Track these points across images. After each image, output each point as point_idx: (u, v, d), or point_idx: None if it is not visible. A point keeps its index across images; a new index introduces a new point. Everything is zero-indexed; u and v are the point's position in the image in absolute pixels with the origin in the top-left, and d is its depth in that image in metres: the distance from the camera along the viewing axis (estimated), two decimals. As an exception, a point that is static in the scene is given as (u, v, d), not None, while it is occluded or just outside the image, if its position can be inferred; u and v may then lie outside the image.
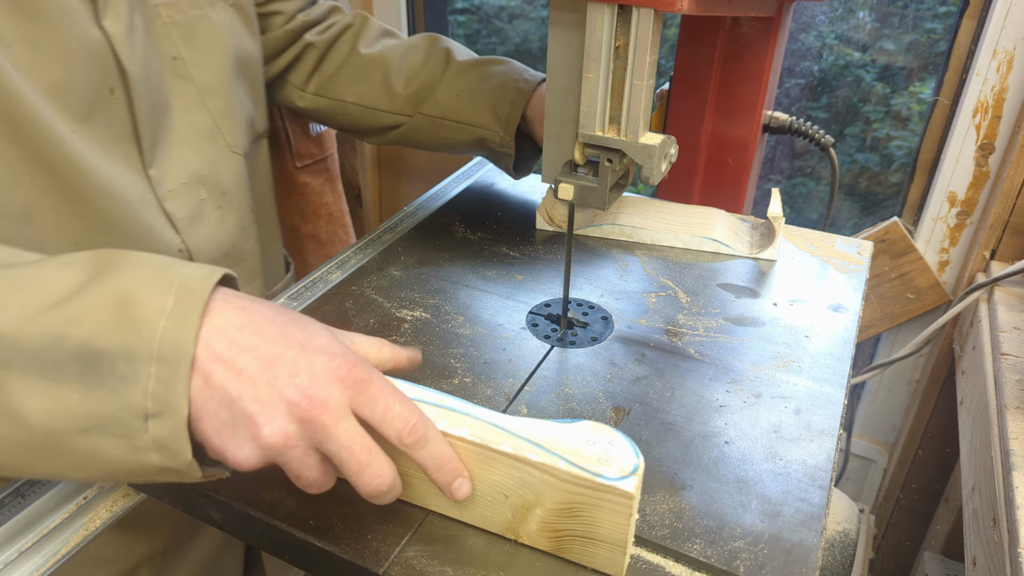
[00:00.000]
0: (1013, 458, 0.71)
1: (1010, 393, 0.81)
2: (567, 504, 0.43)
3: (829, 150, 1.04)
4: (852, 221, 1.39)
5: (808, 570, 0.45)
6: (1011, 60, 1.02)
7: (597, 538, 0.44)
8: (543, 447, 0.43)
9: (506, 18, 1.66)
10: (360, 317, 0.70)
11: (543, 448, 0.43)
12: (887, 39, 1.22)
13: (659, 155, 0.54)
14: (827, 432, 0.57)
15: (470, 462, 0.45)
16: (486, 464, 0.44)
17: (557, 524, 0.45)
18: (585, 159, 0.58)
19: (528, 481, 0.44)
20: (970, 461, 0.87)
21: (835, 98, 1.31)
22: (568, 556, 0.46)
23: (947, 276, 1.21)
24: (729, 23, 0.92)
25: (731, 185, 1.02)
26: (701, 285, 0.76)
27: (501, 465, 0.44)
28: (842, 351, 0.66)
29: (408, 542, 0.47)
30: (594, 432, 0.44)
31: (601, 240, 0.86)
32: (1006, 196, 1.03)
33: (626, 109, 0.54)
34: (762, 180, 1.41)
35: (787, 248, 0.84)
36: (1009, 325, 0.94)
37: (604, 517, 0.43)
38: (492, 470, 0.45)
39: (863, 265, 0.81)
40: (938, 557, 1.12)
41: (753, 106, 0.95)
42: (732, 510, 0.49)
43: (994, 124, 1.06)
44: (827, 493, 0.51)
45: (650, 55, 0.51)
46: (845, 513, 0.80)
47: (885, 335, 1.32)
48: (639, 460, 0.42)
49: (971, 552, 0.78)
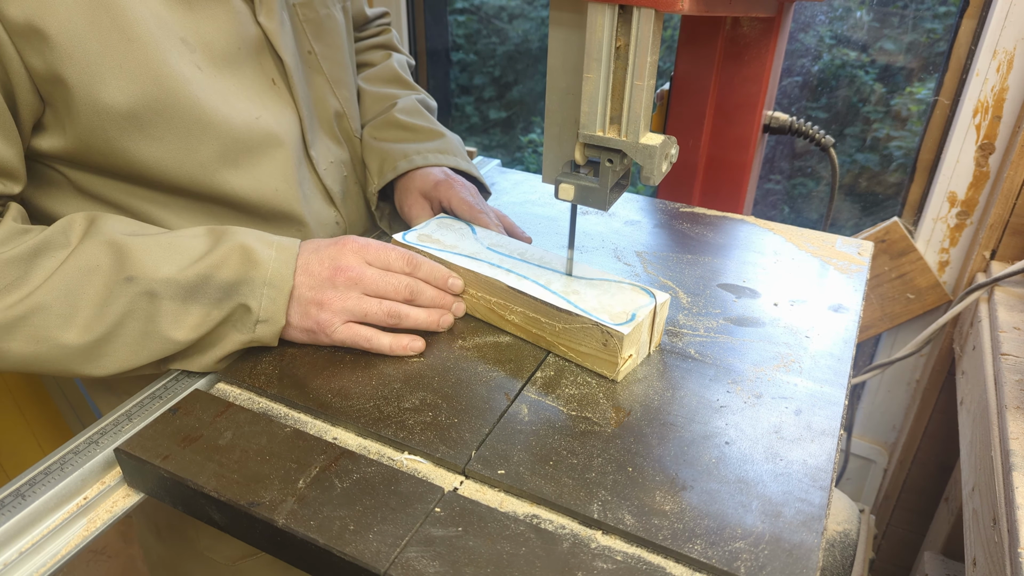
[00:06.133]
0: (1013, 458, 0.71)
1: (1010, 393, 0.81)
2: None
3: (829, 150, 1.04)
4: (852, 221, 1.38)
5: (809, 570, 0.45)
6: (1011, 60, 1.02)
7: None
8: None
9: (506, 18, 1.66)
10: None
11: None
12: (887, 39, 1.22)
13: (660, 155, 0.54)
14: (827, 432, 0.57)
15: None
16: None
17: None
18: (585, 159, 0.58)
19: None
20: (970, 461, 0.87)
21: (835, 98, 1.31)
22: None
23: (947, 276, 1.21)
24: (729, 23, 0.92)
25: (731, 185, 1.02)
26: (701, 285, 0.76)
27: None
28: (842, 351, 0.66)
29: (408, 542, 0.47)
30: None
31: (598, 240, 0.86)
32: (1006, 196, 1.03)
33: (627, 109, 0.54)
34: (762, 180, 1.41)
35: (788, 248, 0.84)
36: (1009, 325, 0.94)
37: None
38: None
39: (863, 265, 0.81)
40: (938, 557, 1.12)
41: (753, 106, 0.95)
42: (733, 511, 0.49)
43: (994, 124, 1.06)
44: (828, 493, 0.51)
45: (651, 55, 0.51)
46: (845, 513, 0.80)
47: (885, 335, 1.32)
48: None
49: (971, 552, 0.78)
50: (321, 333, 0.63)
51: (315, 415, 0.59)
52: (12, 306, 0.55)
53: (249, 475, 0.52)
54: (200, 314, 0.59)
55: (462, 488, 0.52)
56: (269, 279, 0.61)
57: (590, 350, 0.62)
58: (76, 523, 0.53)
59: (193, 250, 0.60)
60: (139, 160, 0.62)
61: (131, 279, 0.57)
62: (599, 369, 0.62)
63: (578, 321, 0.62)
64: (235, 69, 0.67)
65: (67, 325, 0.56)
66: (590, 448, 0.55)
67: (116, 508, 0.55)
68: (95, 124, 0.59)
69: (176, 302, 0.59)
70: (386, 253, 0.66)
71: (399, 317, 0.64)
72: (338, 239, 0.66)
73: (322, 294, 0.62)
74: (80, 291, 0.57)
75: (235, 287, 0.60)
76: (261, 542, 0.52)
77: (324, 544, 0.47)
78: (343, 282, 0.63)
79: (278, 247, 0.62)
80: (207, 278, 0.59)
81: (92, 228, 0.59)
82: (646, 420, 0.58)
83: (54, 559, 0.51)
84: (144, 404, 0.61)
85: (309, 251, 0.64)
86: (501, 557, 0.46)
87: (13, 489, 0.53)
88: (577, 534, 0.49)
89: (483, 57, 1.71)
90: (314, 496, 0.51)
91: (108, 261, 0.58)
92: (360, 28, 0.98)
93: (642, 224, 0.89)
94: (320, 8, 0.78)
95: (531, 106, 1.75)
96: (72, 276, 0.57)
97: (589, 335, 0.62)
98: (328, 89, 0.80)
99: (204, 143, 0.64)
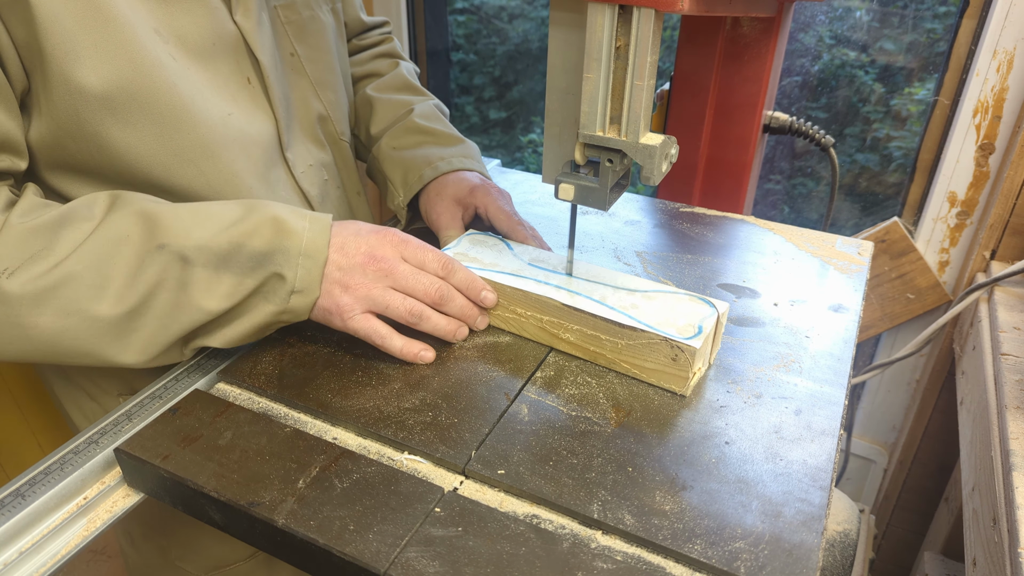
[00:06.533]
0: (1013, 458, 0.71)
1: (1010, 393, 0.81)
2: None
3: (829, 150, 1.04)
4: (852, 221, 1.38)
5: (809, 571, 0.45)
6: (1011, 60, 1.01)
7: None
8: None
9: (506, 18, 1.66)
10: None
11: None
12: (887, 39, 1.22)
13: (660, 155, 0.54)
14: (827, 432, 0.57)
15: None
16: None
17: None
18: (586, 159, 0.58)
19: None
20: (970, 461, 0.87)
21: (835, 98, 1.31)
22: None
23: (947, 276, 1.21)
24: (729, 23, 0.92)
25: (731, 185, 1.02)
26: (701, 285, 0.76)
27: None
28: (842, 351, 0.66)
29: (408, 542, 0.47)
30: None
31: (598, 240, 0.86)
32: (1006, 196, 1.03)
33: (627, 109, 0.54)
34: (762, 180, 1.41)
35: (788, 248, 0.84)
36: (1009, 325, 0.94)
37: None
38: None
39: (863, 265, 0.81)
40: (938, 557, 1.12)
41: (753, 106, 0.95)
42: (733, 511, 0.49)
43: (994, 124, 1.06)
44: (828, 494, 0.51)
45: (651, 55, 0.51)
46: (845, 513, 0.80)
47: (885, 335, 1.32)
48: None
49: (971, 552, 0.78)
50: (337, 316, 0.61)
51: (315, 415, 0.59)
52: (42, 275, 0.53)
53: (249, 475, 0.52)
54: (232, 282, 0.58)
55: (462, 488, 0.52)
56: (304, 249, 0.59)
57: (657, 366, 0.60)
58: (76, 523, 0.53)
59: (224, 217, 0.59)
60: (112, 147, 0.60)
61: (163, 246, 0.56)
62: (666, 384, 0.61)
63: (644, 337, 0.60)
64: (208, 64, 0.65)
65: (99, 295, 0.55)
66: (590, 448, 0.55)
67: (116, 508, 0.55)
68: (69, 106, 0.57)
69: (208, 269, 0.57)
70: (423, 252, 0.64)
71: (420, 317, 0.63)
72: (380, 228, 0.64)
73: (350, 277, 0.61)
74: (111, 261, 0.55)
75: (268, 256, 0.58)
76: (261, 542, 0.52)
77: (324, 544, 0.47)
78: (374, 271, 0.61)
79: (311, 219, 0.61)
80: (239, 246, 0.58)
81: (117, 202, 0.58)
82: (646, 420, 0.58)
83: (54, 559, 0.51)
84: (144, 404, 0.61)
85: (348, 232, 0.62)
86: (501, 557, 0.46)
87: (13, 489, 0.53)
88: (577, 534, 0.49)
89: (483, 57, 1.71)
90: (314, 496, 0.51)
91: (138, 230, 0.56)
92: (357, 35, 0.96)
93: (642, 224, 0.89)
94: (303, 10, 0.77)
95: (531, 106, 1.75)
96: (102, 246, 0.55)
97: (656, 351, 0.60)
98: (312, 91, 0.78)
99: (180, 132, 0.62)
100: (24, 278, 0.53)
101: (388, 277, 0.62)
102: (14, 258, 0.53)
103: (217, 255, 0.57)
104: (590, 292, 0.65)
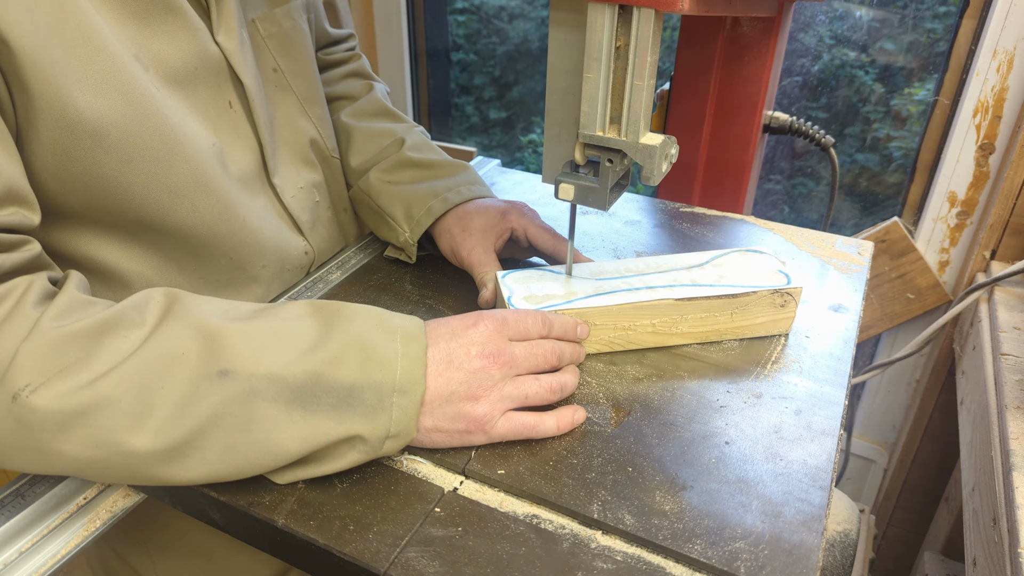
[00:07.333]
0: (1013, 458, 0.71)
1: (1010, 393, 0.81)
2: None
3: (829, 150, 1.04)
4: (852, 221, 1.39)
5: (809, 571, 0.45)
6: (1011, 60, 1.02)
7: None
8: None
9: (506, 18, 1.66)
10: (360, 317, 0.70)
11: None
12: (887, 39, 1.22)
13: (660, 155, 0.54)
14: (827, 432, 0.57)
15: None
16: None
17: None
18: (586, 159, 0.58)
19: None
20: (970, 461, 0.87)
21: (835, 98, 1.31)
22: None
23: (947, 276, 1.21)
24: (729, 23, 0.92)
25: (731, 185, 1.02)
26: (701, 285, 0.76)
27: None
28: (842, 351, 0.66)
29: (408, 542, 0.47)
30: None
31: (598, 240, 0.86)
32: (1006, 196, 1.03)
33: (627, 109, 0.54)
34: (762, 180, 1.41)
35: (788, 248, 0.84)
36: (1009, 325, 0.94)
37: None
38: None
39: (863, 265, 0.81)
40: (938, 557, 1.12)
41: (753, 106, 0.95)
42: (733, 511, 0.49)
43: (994, 124, 1.06)
44: (828, 494, 0.51)
45: (651, 55, 0.51)
46: (845, 513, 0.80)
47: (885, 335, 1.32)
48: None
49: (971, 552, 0.78)
50: (479, 432, 0.53)
51: (315, 415, 0.59)
52: (70, 393, 0.44)
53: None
54: (309, 424, 0.48)
55: (462, 488, 0.52)
56: (399, 384, 0.50)
57: (766, 318, 0.66)
58: (76, 523, 0.53)
59: (301, 339, 0.49)
60: (102, 186, 0.54)
61: (225, 373, 0.47)
62: (773, 331, 0.67)
63: (755, 297, 0.64)
64: (189, 91, 0.60)
65: (137, 427, 0.45)
66: (590, 448, 0.55)
67: (116, 508, 0.55)
68: (57, 144, 0.51)
69: (278, 405, 0.47)
70: (523, 321, 0.57)
71: (562, 389, 0.56)
72: (470, 317, 0.56)
73: (476, 388, 0.52)
74: (158, 384, 0.46)
75: (355, 392, 0.49)
76: (261, 542, 0.52)
77: (324, 544, 0.47)
78: (498, 369, 0.53)
79: (403, 337, 0.51)
80: (319, 377, 0.48)
81: (175, 307, 0.49)
82: (646, 420, 0.58)
83: (54, 559, 0.51)
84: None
85: (444, 338, 0.54)
86: (501, 557, 0.46)
87: (13, 489, 0.53)
88: (577, 534, 0.49)
89: (483, 57, 1.71)
90: (314, 496, 0.51)
91: (196, 349, 0.47)
92: (323, 49, 0.89)
93: (642, 224, 0.89)
94: (284, 21, 0.71)
95: (531, 106, 1.75)
96: (149, 365, 0.46)
97: (765, 304, 0.65)
98: (299, 108, 0.73)
99: (172, 167, 0.57)
100: (49, 396, 0.44)
101: (512, 366, 0.54)
102: (41, 371, 0.44)
103: (292, 388, 0.48)
104: (678, 280, 0.66)
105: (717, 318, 0.65)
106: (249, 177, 0.66)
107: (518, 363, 0.55)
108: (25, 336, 0.44)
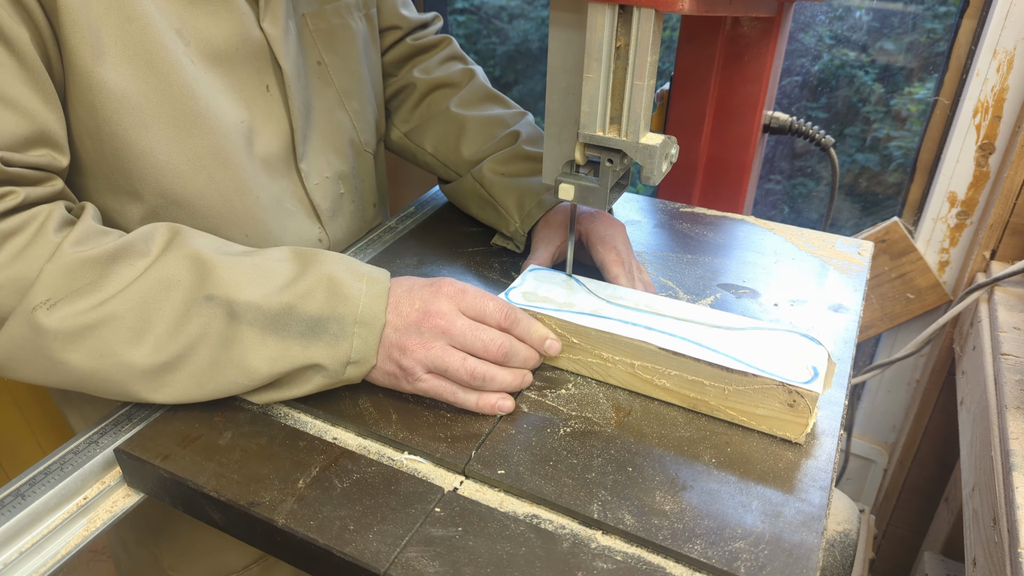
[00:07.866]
0: (1013, 458, 0.71)
1: (1010, 393, 0.81)
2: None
3: (829, 150, 1.04)
4: (852, 221, 1.39)
5: (809, 570, 0.45)
6: (1011, 60, 1.02)
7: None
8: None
9: (506, 18, 1.66)
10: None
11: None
12: (887, 39, 1.22)
13: (660, 155, 0.54)
14: (828, 432, 0.57)
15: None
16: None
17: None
18: (586, 159, 0.58)
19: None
20: (970, 461, 0.87)
21: (835, 98, 1.31)
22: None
23: (947, 276, 1.21)
24: (729, 23, 0.92)
25: (731, 185, 1.02)
26: (702, 285, 0.76)
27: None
28: (842, 351, 0.66)
29: (408, 542, 0.47)
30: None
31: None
32: (1006, 196, 1.03)
33: (627, 109, 0.54)
34: (762, 180, 1.41)
35: (788, 248, 0.84)
36: (1009, 325, 0.94)
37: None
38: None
39: (863, 265, 0.81)
40: (938, 557, 1.12)
41: (753, 106, 0.95)
42: (733, 510, 0.49)
43: (994, 124, 1.06)
44: (828, 494, 0.51)
45: (651, 55, 0.51)
46: (845, 513, 0.80)
47: (885, 335, 1.32)
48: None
49: (971, 552, 0.78)
50: (404, 380, 0.57)
51: (315, 415, 0.59)
52: (82, 312, 0.51)
53: (249, 475, 0.52)
54: (279, 347, 0.55)
55: (462, 488, 0.52)
56: (360, 316, 0.55)
57: (771, 412, 0.55)
58: (76, 523, 0.53)
59: (279, 275, 0.56)
60: (127, 149, 0.58)
61: (211, 297, 0.54)
62: (779, 432, 0.55)
63: (756, 382, 0.54)
64: (228, 69, 0.64)
65: (137, 341, 0.52)
66: (590, 448, 0.55)
67: (116, 508, 0.55)
68: (88, 102, 0.55)
69: (255, 329, 0.54)
70: (483, 303, 0.58)
71: (484, 380, 0.57)
72: (434, 280, 0.59)
73: (406, 338, 0.56)
74: (156, 305, 0.53)
75: (321, 323, 0.55)
76: (261, 542, 0.52)
77: (324, 544, 0.47)
78: (429, 329, 0.56)
79: (368, 279, 0.57)
80: (291, 308, 0.54)
81: (175, 239, 0.56)
82: (646, 420, 0.58)
83: (54, 559, 0.52)
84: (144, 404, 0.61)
85: (401, 289, 0.58)
86: (501, 557, 0.46)
87: (13, 489, 0.53)
88: (577, 534, 0.49)
89: (483, 57, 1.71)
90: (314, 496, 0.51)
91: (189, 277, 0.54)
92: (410, 34, 0.90)
93: (642, 224, 0.89)
94: (333, 18, 0.75)
95: (531, 106, 1.75)
96: (150, 288, 0.53)
97: (769, 396, 0.54)
98: (337, 101, 0.76)
99: (193, 137, 0.60)
100: (64, 312, 0.51)
101: (446, 334, 0.57)
102: (59, 289, 0.51)
103: (267, 316, 0.54)
104: (683, 332, 0.59)
105: (705, 387, 0.57)
106: (275, 159, 0.69)
107: (453, 334, 0.57)
108: (49, 257, 0.51)
